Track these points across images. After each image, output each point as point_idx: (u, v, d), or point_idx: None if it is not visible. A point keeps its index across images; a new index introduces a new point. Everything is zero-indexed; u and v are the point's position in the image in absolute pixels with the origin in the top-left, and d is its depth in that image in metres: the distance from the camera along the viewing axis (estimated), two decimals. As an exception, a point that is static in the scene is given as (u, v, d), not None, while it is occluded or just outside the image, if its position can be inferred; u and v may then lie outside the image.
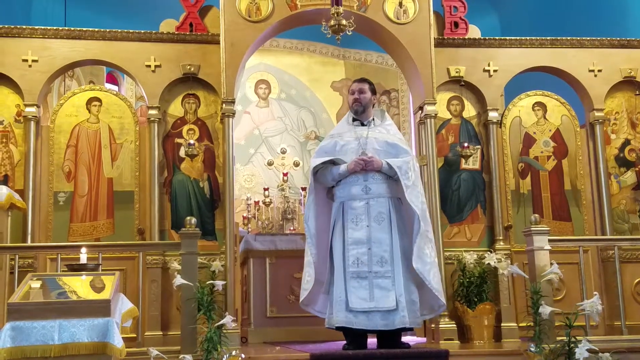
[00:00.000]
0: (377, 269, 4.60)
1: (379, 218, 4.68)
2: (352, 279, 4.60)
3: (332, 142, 4.89)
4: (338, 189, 4.82)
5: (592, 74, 6.13)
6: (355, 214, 4.69)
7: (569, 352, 4.19)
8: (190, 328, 4.40)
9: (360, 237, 4.65)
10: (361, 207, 4.69)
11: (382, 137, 4.83)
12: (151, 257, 5.41)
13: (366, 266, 4.61)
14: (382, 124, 4.95)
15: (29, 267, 5.18)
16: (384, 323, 4.56)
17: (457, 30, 6.05)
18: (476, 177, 5.94)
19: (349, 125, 4.93)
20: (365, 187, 4.71)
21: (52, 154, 5.59)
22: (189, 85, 5.81)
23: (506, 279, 5.62)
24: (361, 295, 4.57)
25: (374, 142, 4.79)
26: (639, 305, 5.81)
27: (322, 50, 10.04)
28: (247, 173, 9.51)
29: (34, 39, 5.64)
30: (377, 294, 4.57)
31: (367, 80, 5.01)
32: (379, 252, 4.62)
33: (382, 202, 4.70)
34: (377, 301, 4.55)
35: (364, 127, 4.89)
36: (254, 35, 5.66)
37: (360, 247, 4.64)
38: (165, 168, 5.69)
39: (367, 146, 4.77)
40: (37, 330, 3.29)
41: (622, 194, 6.11)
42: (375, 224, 4.66)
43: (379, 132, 4.86)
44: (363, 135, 4.82)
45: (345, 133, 4.90)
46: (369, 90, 4.91)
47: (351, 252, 4.64)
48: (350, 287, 4.58)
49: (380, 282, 4.58)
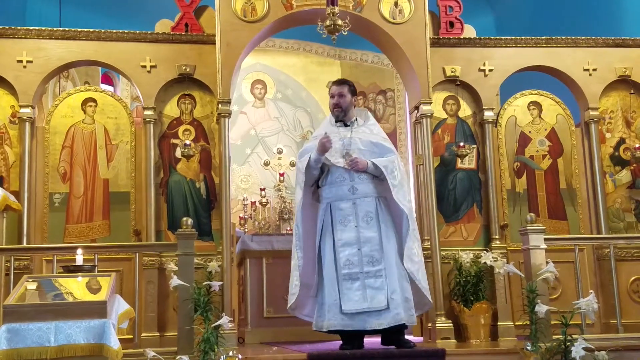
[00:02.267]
0: (368, 269, 4.60)
1: (366, 217, 4.68)
2: (344, 281, 4.60)
3: (315, 143, 4.85)
4: (324, 190, 4.82)
5: (587, 73, 6.14)
6: (343, 214, 4.69)
7: (565, 350, 4.21)
8: (187, 329, 4.39)
9: (349, 238, 4.66)
10: (348, 207, 4.70)
11: (366, 137, 4.84)
12: (147, 258, 5.40)
13: (357, 267, 4.61)
14: (365, 123, 4.94)
15: (25, 269, 5.17)
16: (378, 322, 4.56)
17: (452, 30, 6.06)
18: (472, 176, 5.96)
19: (332, 127, 4.92)
20: (352, 187, 4.72)
21: (47, 155, 5.58)
22: (184, 85, 5.81)
23: (502, 278, 5.63)
24: (354, 297, 4.57)
25: (358, 142, 4.80)
26: (634, 304, 5.83)
27: (318, 50, 10.03)
28: (243, 173, 9.49)
29: (29, 40, 5.62)
30: (370, 294, 4.57)
31: (346, 81, 4.99)
32: (369, 251, 4.63)
33: (369, 202, 4.71)
34: (370, 301, 4.56)
35: (347, 127, 4.88)
36: (250, 35, 5.66)
37: (351, 248, 4.64)
38: (161, 169, 5.68)
39: (352, 147, 4.77)
40: (33, 332, 3.28)
41: (617, 193, 6.13)
42: (364, 224, 4.67)
43: (362, 133, 4.86)
44: (347, 136, 4.82)
45: (329, 134, 4.88)
46: (348, 93, 4.89)
47: (342, 254, 4.63)
48: (344, 289, 4.58)
49: (372, 282, 4.58)
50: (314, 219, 4.85)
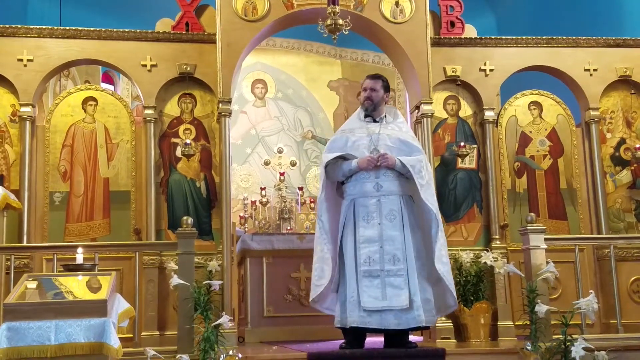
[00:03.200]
0: (389, 267, 4.50)
1: (390, 216, 4.59)
2: (364, 277, 4.51)
3: (343, 138, 4.77)
4: (348, 186, 4.73)
5: (588, 73, 6.14)
6: (366, 211, 4.60)
7: (565, 350, 4.20)
8: (187, 328, 4.39)
9: (372, 235, 4.56)
10: (373, 204, 4.60)
11: (395, 134, 4.73)
12: (148, 257, 5.40)
13: (378, 264, 4.51)
14: (395, 121, 4.84)
15: (25, 268, 5.17)
16: (396, 322, 4.46)
17: (453, 30, 6.06)
18: (472, 176, 5.96)
19: (361, 122, 4.82)
20: (376, 184, 4.63)
21: (47, 154, 5.58)
22: (185, 84, 5.81)
23: (502, 278, 5.63)
24: (373, 294, 4.47)
25: (386, 138, 4.69)
26: (634, 304, 5.83)
27: (319, 49, 10.02)
28: (243, 173, 9.49)
29: (29, 39, 5.62)
30: (390, 293, 4.46)
31: (380, 76, 4.87)
32: (392, 250, 4.53)
33: (393, 200, 4.62)
34: (389, 300, 4.45)
35: (376, 123, 4.78)
36: (251, 34, 5.66)
37: (372, 245, 4.54)
38: (162, 168, 5.68)
39: (380, 143, 4.67)
40: (34, 330, 3.28)
41: (617, 193, 6.13)
42: (387, 222, 4.58)
43: (391, 129, 4.76)
44: (375, 132, 4.71)
45: (357, 129, 4.78)
46: (381, 88, 4.79)
47: (363, 251, 4.54)
48: (363, 286, 4.49)
49: (392, 281, 4.49)
50: (336, 215, 4.77)
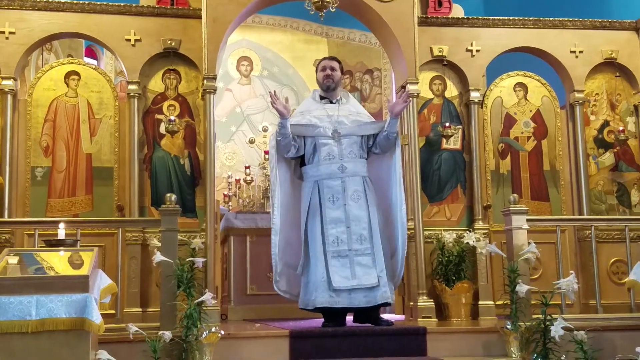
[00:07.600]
0: (356, 247, 4.65)
1: (355, 196, 4.72)
2: (332, 258, 4.62)
3: (303, 119, 4.88)
4: (310, 168, 4.82)
5: (574, 55, 6.16)
6: (331, 192, 4.72)
7: (544, 329, 4.27)
8: (169, 305, 4.39)
9: (338, 216, 4.68)
10: (337, 185, 4.73)
11: (353, 116, 4.90)
12: (130, 234, 5.38)
13: (346, 244, 4.64)
14: (349, 102, 5.01)
15: (6, 243, 5.13)
16: (366, 300, 4.60)
17: (440, 9, 6.03)
18: (457, 157, 5.97)
19: (317, 103, 4.96)
20: (341, 165, 4.75)
21: (29, 128, 5.51)
22: (169, 60, 5.74)
23: (484, 258, 5.68)
24: (343, 274, 4.60)
25: (344, 119, 4.84)
26: (614, 285, 5.91)
27: (305, 27, 9.93)
28: (228, 151, 9.42)
29: (11, 11, 5.51)
30: (359, 272, 4.61)
31: (337, 58, 5.05)
32: (358, 230, 4.67)
33: (357, 180, 4.75)
34: (359, 279, 4.59)
35: (333, 105, 4.93)
36: (237, 10, 5.59)
37: (339, 225, 4.67)
38: (145, 144, 5.63)
39: (340, 123, 4.81)
40: (14, 305, 3.26)
41: (599, 175, 6.19)
42: (352, 202, 4.71)
43: (348, 110, 4.91)
44: (334, 113, 4.85)
45: (315, 110, 4.91)
46: (339, 69, 4.97)
47: (330, 232, 4.66)
48: (332, 267, 4.60)
49: (360, 260, 4.63)
50: (296, 198, 4.85)
